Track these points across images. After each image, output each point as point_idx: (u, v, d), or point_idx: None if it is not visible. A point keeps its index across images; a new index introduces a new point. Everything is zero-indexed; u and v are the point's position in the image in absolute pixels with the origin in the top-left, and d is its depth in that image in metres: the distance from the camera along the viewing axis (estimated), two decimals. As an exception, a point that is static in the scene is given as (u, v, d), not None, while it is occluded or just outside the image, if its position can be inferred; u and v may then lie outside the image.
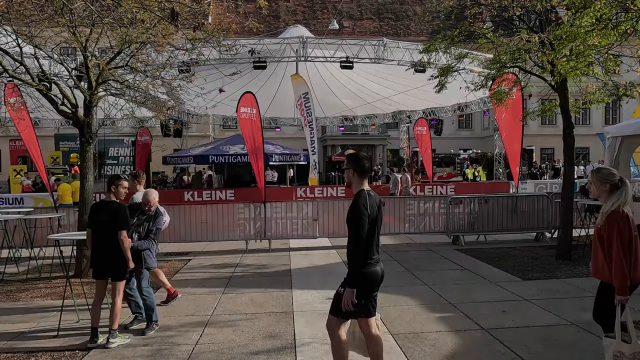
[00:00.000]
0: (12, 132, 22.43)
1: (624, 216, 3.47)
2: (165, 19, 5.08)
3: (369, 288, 3.54)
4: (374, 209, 3.50)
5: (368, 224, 3.43)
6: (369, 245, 3.50)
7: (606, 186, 3.61)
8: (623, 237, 3.44)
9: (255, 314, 5.90)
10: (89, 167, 8.01)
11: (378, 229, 3.56)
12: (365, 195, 3.51)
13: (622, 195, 3.52)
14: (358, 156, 3.68)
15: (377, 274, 3.56)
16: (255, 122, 10.88)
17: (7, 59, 7.99)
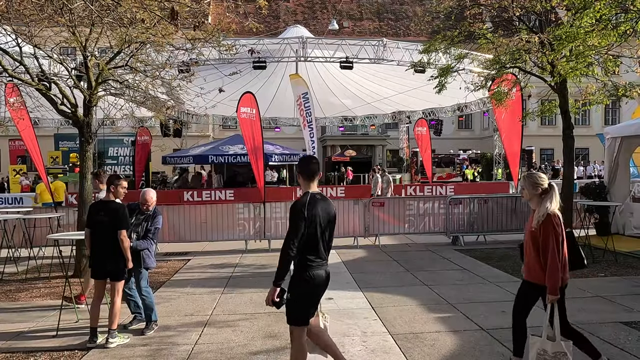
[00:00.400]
0: (11, 131, 22.43)
1: (557, 219, 3.65)
2: (165, 18, 5.07)
3: (310, 291, 3.54)
4: (317, 213, 3.45)
5: (307, 227, 3.40)
6: (312, 248, 3.47)
7: (537, 190, 3.77)
8: (557, 239, 3.60)
9: (254, 314, 5.89)
10: (89, 167, 8.00)
11: (325, 232, 3.51)
12: (308, 198, 3.48)
13: (554, 198, 3.69)
14: (305, 159, 3.72)
15: (320, 277, 3.53)
16: (255, 122, 10.88)
17: (7, 59, 7.98)
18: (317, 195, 3.55)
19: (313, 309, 3.64)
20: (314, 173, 3.59)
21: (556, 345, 3.63)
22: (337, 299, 6.50)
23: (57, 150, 25.18)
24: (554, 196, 3.71)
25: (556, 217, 3.66)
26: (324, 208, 3.52)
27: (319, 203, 3.51)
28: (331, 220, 3.59)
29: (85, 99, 7.92)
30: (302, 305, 3.54)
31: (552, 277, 3.60)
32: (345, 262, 9.05)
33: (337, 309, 6.03)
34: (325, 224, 3.51)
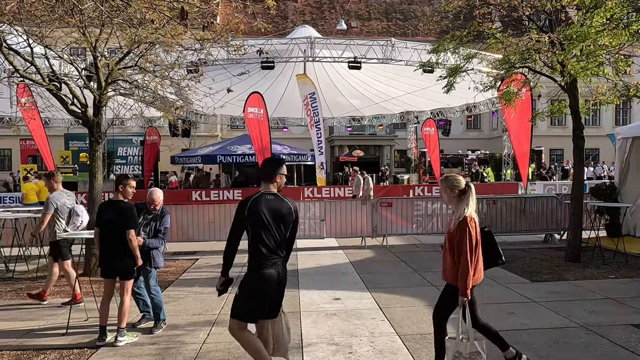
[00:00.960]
0: (22, 131, 22.67)
1: (472, 222, 3.70)
2: (174, 18, 5.10)
3: (254, 288, 3.58)
4: (261, 211, 3.52)
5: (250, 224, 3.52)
6: (259, 245, 3.53)
7: (455, 192, 3.82)
8: (472, 242, 3.67)
9: (262, 314, 5.89)
10: (98, 167, 8.06)
11: (275, 231, 3.56)
12: (255, 196, 3.60)
13: (469, 199, 3.75)
14: (264, 162, 3.92)
15: (270, 275, 3.56)
16: (262, 122, 10.90)
17: (18, 59, 8.07)
18: (269, 195, 3.62)
19: (257, 306, 3.60)
20: (267, 174, 3.71)
21: (470, 345, 3.69)
22: (344, 299, 6.50)
23: (67, 150, 25.40)
24: (471, 198, 3.76)
25: (472, 220, 3.71)
26: (272, 207, 3.57)
27: (267, 202, 3.58)
28: (283, 219, 3.60)
29: (95, 99, 7.99)
30: (243, 300, 3.61)
31: (463, 279, 3.68)
32: (352, 262, 9.04)
33: (344, 310, 6.02)
34: (273, 222, 3.56)
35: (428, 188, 18.37)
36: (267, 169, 3.73)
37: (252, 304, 3.59)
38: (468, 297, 3.71)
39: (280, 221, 3.59)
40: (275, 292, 3.65)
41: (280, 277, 3.64)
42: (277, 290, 3.65)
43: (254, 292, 3.58)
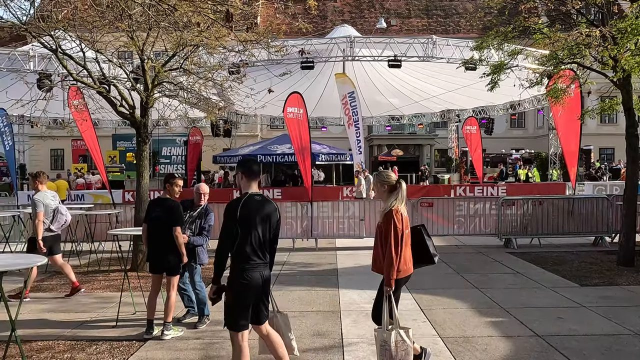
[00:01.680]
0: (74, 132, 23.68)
1: (398, 214, 3.80)
2: (218, 21, 5.22)
3: (243, 293, 3.46)
4: (251, 214, 3.44)
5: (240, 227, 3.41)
6: (246, 248, 3.42)
7: (385, 187, 3.95)
8: (396, 234, 3.76)
9: (303, 312, 5.95)
10: (145, 166, 8.35)
11: (262, 234, 3.48)
12: (245, 198, 3.50)
13: (399, 195, 3.85)
14: (248, 161, 3.90)
15: (255, 278, 3.46)
16: (302, 122, 10.98)
17: (71, 63, 8.47)
18: (257, 196, 3.55)
19: (251, 311, 3.51)
20: (255, 174, 3.64)
21: (395, 334, 3.78)
22: (384, 299, 6.45)
23: (114, 150, 26.47)
24: (399, 193, 3.86)
25: (398, 213, 3.81)
26: (260, 209, 3.50)
27: (256, 204, 3.51)
28: (270, 221, 3.54)
29: (142, 100, 8.27)
30: (234, 306, 3.49)
31: (388, 270, 3.77)
32: (392, 262, 8.97)
33: (385, 310, 5.98)
34: (261, 225, 3.48)
35: (470, 188, 17.97)
36: (254, 169, 3.68)
37: (243, 310, 3.49)
38: (392, 287, 3.78)
39: (267, 223, 3.53)
40: (262, 296, 3.56)
41: (264, 280, 3.54)
42: (264, 291, 3.57)
43: (245, 296, 3.48)
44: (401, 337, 3.75)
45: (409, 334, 3.81)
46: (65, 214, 6.86)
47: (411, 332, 3.86)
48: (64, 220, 6.86)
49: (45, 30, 7.57)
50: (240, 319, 3.50)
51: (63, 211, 6.84)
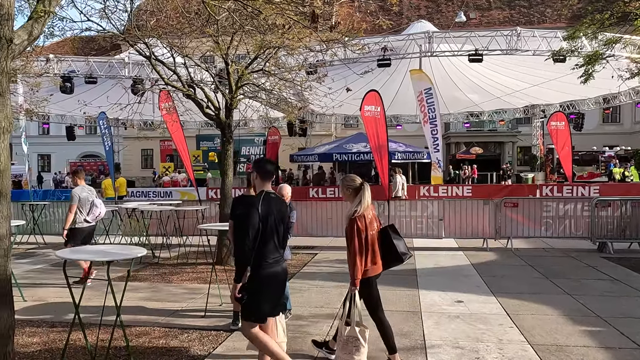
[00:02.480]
0: (162, 133, 25.21)
1: (361, 218, 3.97)
2: (301, 22, 5.32)
3: (264, 288, 3.59)
4: (271, 211, 3.61)
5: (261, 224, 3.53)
6: (266, 245, 3.58)
7: (349, 191, 4.11)
8: (359, 237, 3.93)
9: (386, 311, 5.89)
10: (229, 165, 8.73)
11: (277, 230, 3.66)
12: (263, 197, 3.65)
13: (362, 198, 4.00)
14: (261, 161, 4.03)
15: (275, 273, 3.64)
16: (379, 120, 10.90)
17: (163, 68, 9.04)
18: (272, 194, 3.73)
19: (269, 306, 3.64)
20: (268, 173, 3.79)
21: (351, 330, 4.02)
22: (467, 302, 6.24)
23: (198, 150, 27.92)
24: (363, 196, 4.01)
25: (361, 217, 3.98)
26: (277, 207, 3.70)
27: (273, 202, 3.68)
28: (284, 218, 3.77)
29: (226, 102, 8.65)
30: (255, 300, 3.57)
31: (351, 270, 4.00)
32: (474, 264, 8.65)
33: (468, 313, 5.79)
34: (279, 221, 3.69)
35: (558, 188, 16.85)
36: (268, 168, 3.81)
37: (264, 304, 3.60)
38: (356, 287, 3.99)
39: (282, 220, 3.74)
40: (280, 289, 3.75)
41: (283, 274, 3.77)
42: (281, 287, 3.77)
43: (266, 291, 3.60)
44: (356, 334, 4.01)
45: (365, 334, 4.07)
46: (99, 206, 7.47)
47: (367, 333, 4.09)
48: (98, 213, 7.46)
49: (140, 39, 8.16)
50: (260, 313, 3.63)
51: (97, 204, 7.46)
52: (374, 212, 4.24)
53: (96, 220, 7.58)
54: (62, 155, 36.74)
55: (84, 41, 8.89)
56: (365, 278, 4.03)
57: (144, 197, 17.32)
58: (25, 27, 4.20)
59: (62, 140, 28.94)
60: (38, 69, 12.19)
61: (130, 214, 10.51)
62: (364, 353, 4.03)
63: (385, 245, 4.20)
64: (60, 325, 5.42)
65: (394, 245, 4.21)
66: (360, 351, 4.00)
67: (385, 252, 4.20)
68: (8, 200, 4.03)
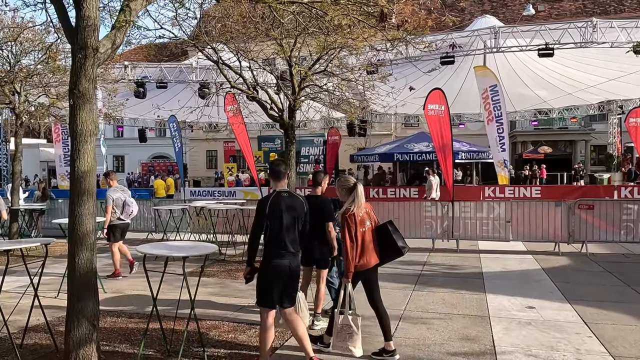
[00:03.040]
0: (225, 135, 26.03)
1: (352, 215, 4.26)
2: (366, 22, 5.31)
3: (272, 277, 3.96)
4: (280, 208, 3.96)
5: (269, 220, 3.92)
6: (275, 239, 3.95)
7: (343, 190, 4.43)
8: (350, 234, 4.23)
9: (448, 314, 5.78)
10: (292, 165, 8.88)
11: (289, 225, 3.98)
12: (273, 195, 4.03)
13: (354, 197, 4.30)
14: (274, 163, 4.30)
15: (282, 266, 3.95)
16: (443, 119, 10.65)
17: (229, 72, 9.36)
18: (284, 192, 4.07)
19: (277, 295, 3.98)
20: (279, 174, 4.14)
21: (344, 318, 4.32)
22: (539, 308, 5.96)
23: (259, 151, 28.59)
24: (355, 196, 4.30)
25: (352, 215, 4.26)
26: (288, 204, 4.02)
27: (284, 199, 4.02)
28: (298, 214, 4.06)
29: (289, 103, 8.80)
30: (264, 288, 3.99)
31: (345, 263, 4.30)
32: (545, 269, 8.24)
33: (540, 320, 5.53)
34: (289, 217, 3.99)
35: (638, 189, 15.67)
36: (277, 169, 4.15)
37: (272, 291, 3.97)
38: (349, 278, 4.29)
39: (295, 216, 4.03)
40: (288, 281, 4.01)
41: (292, 268, 4.02)
42: (290, 279, 4.02)
43: (274, 280, 3.97)
44: (349, 322, 4.31)
45: (357, 322, 4.35)
46: (131, 205, 7.94)
47: (359, 320, 4.37)
48: (130, 211, 7.95)
49: (209, 44, 8.48)
50: (268, 299, 4.00)
51: (130, 203, 7.93)
52: (371, 211, 4.53)
53: (130, 217, 8.06)
54: (135, 156, 38.94)
55: (159, 48, 9.47)
56: (356, 271, 4.33)
57: (210, 197, 17.99)
58: (109, 37, 4.50)
59: (135, 142, 30.71)
60: (115, 76, 13.01)
61: (199, 213, 10.96)
62: (357, 339, 4.32)
63: (384, 240, 4.45)
64: (137, 317, 5.76)
65: (394, 240, 4.45)
66: (353, 338, 4.32)
67: (385, 246, 4.45)
68: (94, 198, 4.35)
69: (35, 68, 9.99)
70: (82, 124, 4.24)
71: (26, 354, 4.54)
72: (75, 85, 4.24)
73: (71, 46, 4.37)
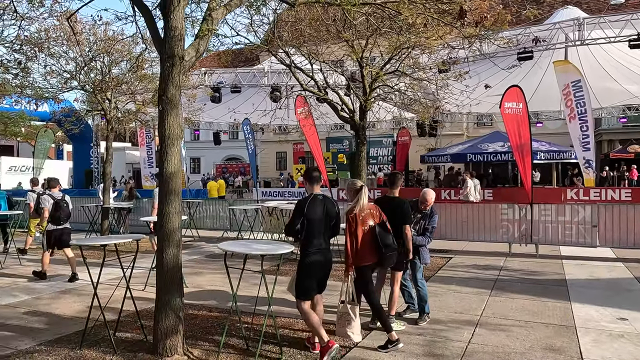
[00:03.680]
0: (295, 137, 26.52)
1: (353, 215, 4.63)
2: (441, 20, 5.19)
3: (307, 271, 4.42)
4: (316, 209, 4.42)
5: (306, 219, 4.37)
6: (311, 237, 4.40)
7: (351, 192, 4.79)
8: (350, 231, 4.63)
9: (529, 322, 5.51)
10: (363, 166, 8.88)
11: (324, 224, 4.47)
12: (309, 198, 4.49)
13: (359, 199, 4.66)
14: (309, 170, 4.75)
15: (316, 261, 4.41)
16: (521, 118, 10.15)
17: (301, 75, 9.53)
18: (319, 195, 4.53)
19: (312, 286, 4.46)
20: (314, 179, 4.61)
21: (343, 307, 4.73)
22: (633, 320, 5.53)
23: (327, 152, 28.85)
24: (359, 197, 4.68)
25: (353, 214, 4.65)
26: (323, 206, 4.49)
27: (319, 202, 4.48)
28: (330, 214, 4.52)
29: (360, 104, 8.82)
30: (304, 282, 4.43)
31: (345, 259, 4.68)
32: (637, 278, 7.62)
33: (635, 332, 5.12)
34: (323, 218, 4.46)
35: None
36: (314, 177, 4.62)
37: (308, 284, 4.44)
38: (348, 272, 4.65)
39: (328, 216, 4.49)
40: (323, 273, 4.52)
41: (326, 261, 4.49)
42: (323, 271, 4.51)
43: (309, 274, 4.43)
44: (347, 310, 4.69)
45: (355, 310, 4.73)
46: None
47: (357, 309, 4.76)
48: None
49: (282, 48, 8.70)
50: (307, 292, 4.46)
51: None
52: (376, 211, 4.81)
53: None
54: (210, 158, 40.78)
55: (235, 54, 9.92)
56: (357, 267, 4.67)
57: (280, 197, 18.42)
58: (193, 45, 4.76)
59: (210, 145, 32.13)
60: (193, 82, 13.71)
61: (271, 212, 11.26)
62: (355, 325, 4.74)
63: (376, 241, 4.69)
64: (216, 311, 6.03)
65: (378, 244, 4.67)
66: (351, 324, 4.71)
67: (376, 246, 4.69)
68: (180, 198, 4.62)
69: (124, 77, 10.77)
70: (170, 128, 4.53)
71: (119, 341, 4.90)
72: (164, 92, 4.53)
73: (159, 55, 4.68)
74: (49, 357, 4.56)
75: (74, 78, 10.20)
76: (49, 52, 9.41)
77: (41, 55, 9.36)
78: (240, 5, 5.39)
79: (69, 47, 9.54)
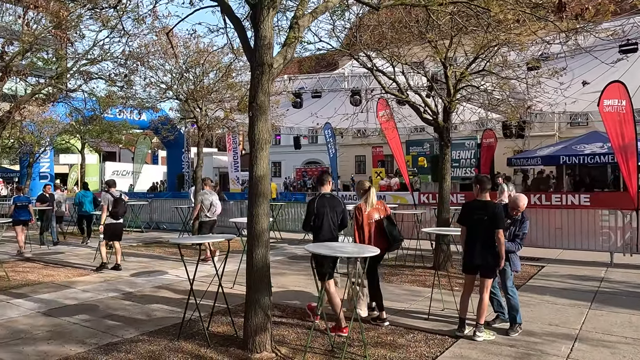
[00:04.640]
0: (374, 140, 26.39)
1: (359, 210, 5.51)
2: (534, 14, 4.91)
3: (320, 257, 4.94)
4: (325, 206, 5.24)
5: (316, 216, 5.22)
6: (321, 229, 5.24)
7: (360, 191, 5.69)
8: (358, 224, 5.50)
9: (637, 340, 5.03)
10: (447, 169, 8.63)
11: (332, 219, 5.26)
12: (318, 197, 5.31)
13: (367, 197, 5.56)
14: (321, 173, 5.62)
15: None
16: (624, 116, 9.30)
17: (382, 78, 9.49)
18: (327, 195, 5.35)
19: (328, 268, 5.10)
20: (323, 182, 5.42)
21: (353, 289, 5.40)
22: None
23: (408, 155, 28.34)
24: (368, 196, 5.53)
25: (359, 209, 5.48)
26: (330, 203, 5.29)
27: (327, 200, 5.29)
28: (336, 211, 5.31)
29: (444, 105, 8.58)
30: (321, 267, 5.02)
31: None
32: None
33: None
34: (330, 213, 5.25)
35: None
36: (324, 178, 5.44)
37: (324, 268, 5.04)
38: None
39: (334, 212, 5.29)
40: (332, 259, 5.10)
41: None
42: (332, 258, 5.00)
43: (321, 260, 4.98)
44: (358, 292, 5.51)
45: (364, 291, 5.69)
46: (216, 205, 9.72)
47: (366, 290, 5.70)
48: (215, 210, 9.70)
49: (363, 51, 8.72)
50: (325, 273, 5.04)
51: (215, 204, 9.71)
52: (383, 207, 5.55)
53: (215, 215, 9.76)
54: (290, 162, 41.79)
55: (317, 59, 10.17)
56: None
57: (360, 200, 18.39)
58: (281, 53, 4.93)
59: (290, 149, 32.93)
60: (277, 88, 14.16)
61: (351, 216, 11.28)
62: (363, 304, 5.68)
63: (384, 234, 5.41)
64: (301, 311, 6.16)
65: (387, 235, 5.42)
66: (359, 302, 5.58)
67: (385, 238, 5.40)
68: (268, 201, 4.79)
69: (214, 86, 11.41)
70: (259, 133, 4.72)
71: (212, 335, 5.18)
72: (254, 98, 4.73)
73: (250, 63, 4.90)
74: (152, 347, 4.93)
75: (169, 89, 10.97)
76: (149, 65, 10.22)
77: (142, 68, 10.20)
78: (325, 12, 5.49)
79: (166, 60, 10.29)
